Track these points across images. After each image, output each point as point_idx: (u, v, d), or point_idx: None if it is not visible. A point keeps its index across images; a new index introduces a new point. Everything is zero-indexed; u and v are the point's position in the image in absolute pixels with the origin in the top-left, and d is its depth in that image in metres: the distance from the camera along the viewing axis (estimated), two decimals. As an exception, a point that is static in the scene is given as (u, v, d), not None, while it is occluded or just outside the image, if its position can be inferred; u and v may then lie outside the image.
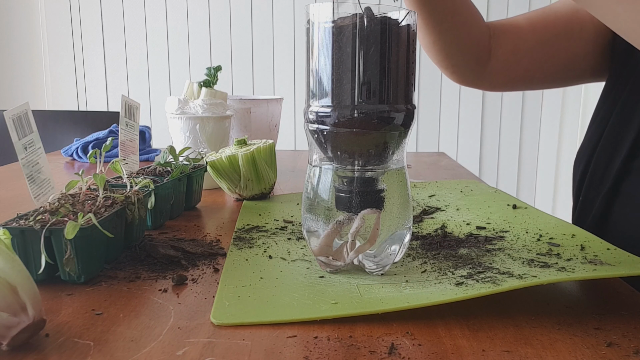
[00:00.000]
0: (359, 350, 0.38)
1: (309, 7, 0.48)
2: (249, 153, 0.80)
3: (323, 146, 0.49)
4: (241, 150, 0.81)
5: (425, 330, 0.41)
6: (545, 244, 0.58)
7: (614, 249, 0.55)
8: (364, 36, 0.45)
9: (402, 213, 0.51)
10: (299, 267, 0.53)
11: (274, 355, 0.37)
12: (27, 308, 0.37)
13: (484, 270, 0.50)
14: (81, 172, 0.60)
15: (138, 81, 2.45)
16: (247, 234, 0.64)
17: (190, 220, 0.73)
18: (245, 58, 2.42)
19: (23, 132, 0.52)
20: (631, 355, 0.38)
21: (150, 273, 0.52)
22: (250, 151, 0.80)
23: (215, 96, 0.91)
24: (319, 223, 0.51)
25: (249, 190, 0.81)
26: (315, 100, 0.48)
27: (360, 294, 0.46)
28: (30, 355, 0.37)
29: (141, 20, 2.40)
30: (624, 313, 0.45)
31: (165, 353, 0.37)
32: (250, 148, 0.81)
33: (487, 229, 0.65)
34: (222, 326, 0.41)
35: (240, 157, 0.80)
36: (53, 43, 2.43)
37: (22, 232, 0.47)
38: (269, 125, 1.07)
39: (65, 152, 1.23)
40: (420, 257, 0.55)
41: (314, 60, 0.48)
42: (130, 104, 0.76)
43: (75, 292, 0.48)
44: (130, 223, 0.57)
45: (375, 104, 0.46)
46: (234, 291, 0.47)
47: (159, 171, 0.76)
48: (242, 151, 0.80)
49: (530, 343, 0.40)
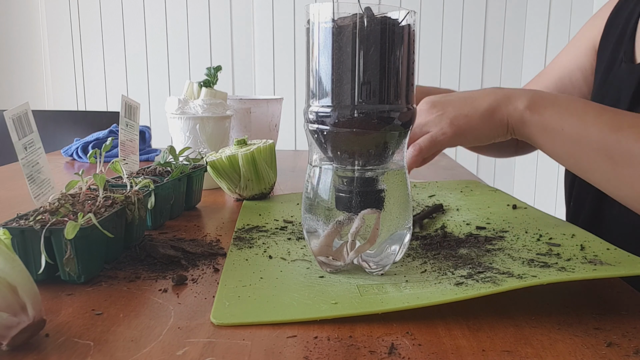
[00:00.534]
0: (359, 350, 0.38)
1: (309, 7, 0.48)
2: (249, 153, 0.80)
3: (323, 146, 0.49)
4: (241, 150, 0.81)
5: (425, 330, 0.41)
6: (545, 244, 0.58)
7: (614, 249, 0.55)
8: (364, 36, 0.45)
9: (402, 213, 0.51)
10: (299, 267, 0.53)
11: (274, 355, 0.37)
12: (27, 308, 0.37)
13: (484, 270, 0.50)
14: (81, 172, 0.60)
15: (138, 81, 2.45)
16: (247, 234, 0.64)
17: (190, 220, 0.73)
18: (246, 58, 2.42)
19: (23, 132, 0.52)
20: (631, 355, 0.38)
21: (150, 273, 0.52)
22: (250, 151, 0.80)
23: (215, 96, 0.91)
24: (319, 223, 0.51)
25: (249, 190, 0.81)
26: (316, 100, 0.48)
27: (360, 294, 0.46)
28: (30, 355, 0.37)
29: (141, 20, 2.40)
30: (624, 313, 0.45)
31: (165, 353, 0.37)
32: (250, 148, 0.81)
33: (487, 229, 0.65)
34: (222, 326, 0.41)
35: (240, 157, 0.80)
36: (53, 43, 2.43)
37: (22, 232, 0.47)
38: (269, 125, 1.07)
39: (65, 152, 1.23)
40: (420, 257, 0.55)
41: (314, 60, 0.48)
42: (130, 104, 0.76)
43: (75, 292, 0.48)
44: (130, 223, 0.57)
45: (375, 104, 0.46)
46: (234, 291, 0.47)
47: (159, 171, 0.76)
48: (242, 151, 0.80)
49: (530, 343, 0.40)
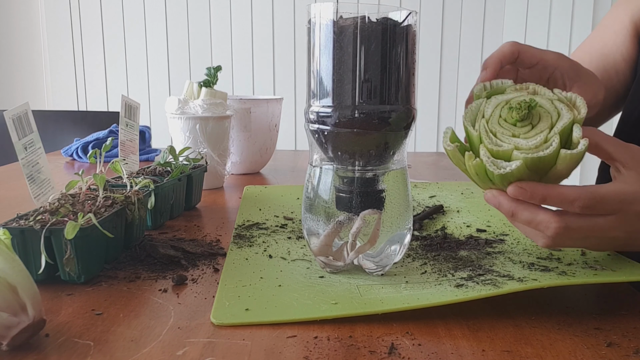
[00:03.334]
0: (359, 350, 0.38)
1: (310, 7, 0.48)
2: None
3: (324, 146, 0.49)
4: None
5: (425, 330, 0.41)
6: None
7: (615, 254, 0.55)
8: (365, 36, 0.45)
9: (403, 213, 0.51)
10: (299, 267, 0.53)
11: (274, 355, 0.37)
12: (27, 308, 0.37)
13: (484, 273, 0.50)
14: (81, 172, 0.60)
15: (138, 81, 2.44)
16: (247, 231, 0.64)
17: (190, 220, 0.73)
18: (245, 58, 2.42)
19: (23, 132, 0.52)
20: (631, 355, 0.38)
21: (150, 273, 0.52)
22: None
23: (215, 96, 0.91)
24: (319, 223, 0.51)
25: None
26: (316, 100, 0.48)
27: (360, 295, 0.46)
28: (30, 355, 0.37)
29: (141, 20, 2.40)
30: (623, 313, 0.45)
31: (165, 353, 0.37)
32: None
33: (487, 231, 0.65)
34: (222, 326, 0.41)
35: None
36: (53, 43, 2.42)
37: (22, 232, 0.47)
38: (269, 125, 1.07)
39: (65, 152, 1.23)
40: (420, 257, 0.55)
41: (315, 61, 0.48)
42: (130, 104, 0.76)
43: (75, 292, 0.48)
44: (130, 223, 0.57)
45: (376, 104, 0.46)
46: (234, 291, 0.47)
47: (159, 171, 0.76)
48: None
49: (530, 343, 0.40)
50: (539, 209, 0.44)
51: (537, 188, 0.43)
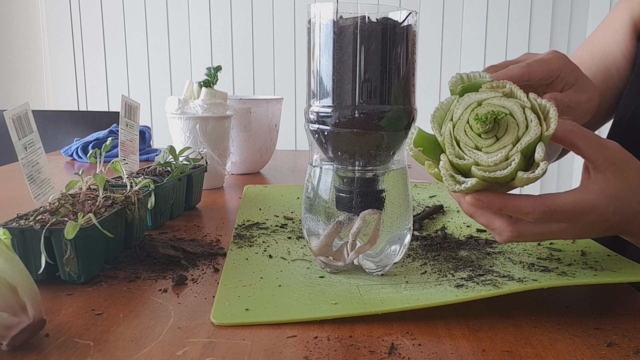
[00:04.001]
0: (359, 350, 0.38)
1: (311, 7, 0.48)
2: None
3: (324, 146, 0.49)
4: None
5: (425, 330, 0.41)
6: (546, 248, 0.58)
7: (615, 255, 0.55)
8: (365, 36, 0.45)
9: (403, 213, 0.51)
10: (299, 267, 0.53)
11: (274, 355, 0.37)
12: (27, 308, 0.37)
13: (485, 273, 0.50)
14: (81, 172, 0.60)
15: (138, 81, 2.44)
16: (247, 231, 0.64)
17: (190, 220, 0.73)
18: (246, 58, 2.42)
19: (23, 132, 0.52)
20: (631, 355, 0.38)
21: (150, 273, 0.52)
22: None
23: (215, 96, 0.91)
24: (319, 223, 0.51)
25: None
26: (316, 100, 0.48)
27: (360, 295, 0.46)
28: (30, 355, 0.37)
29: (141, 20, 2.40)
30: (623, 313, 0.45)
31: (165, 353, 0.37)
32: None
33: (487, 232, 0.65)
34: (222, 326, 0.41)
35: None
36: (53, 43, 2.42)
37: (22, 232, 0.47)
38: (269, 125, 1.07)
39: (65, 152, 1.23)
40: (420, 258, 0.55)
41: (315, 61, 0.48)
42: (130, 104, 0.76)
43: (75, 292, 0.48)
44: (130, 223, 0.57)
45: (376, 104, 0.46)
46: (234, 291, 0.47)
47: (159, 171, 0.76)
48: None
49: (530, 343, 0.40)
50: (495, 215, 0.46)
51: (494, 200, 0.44)
